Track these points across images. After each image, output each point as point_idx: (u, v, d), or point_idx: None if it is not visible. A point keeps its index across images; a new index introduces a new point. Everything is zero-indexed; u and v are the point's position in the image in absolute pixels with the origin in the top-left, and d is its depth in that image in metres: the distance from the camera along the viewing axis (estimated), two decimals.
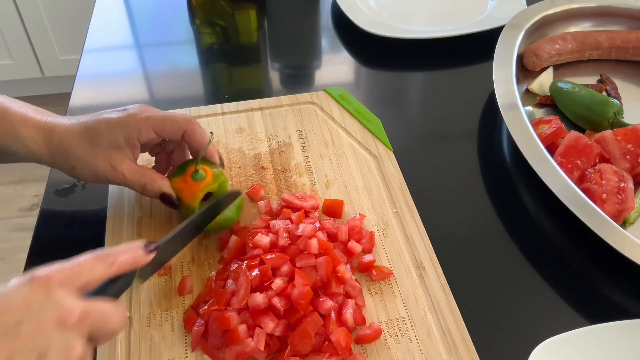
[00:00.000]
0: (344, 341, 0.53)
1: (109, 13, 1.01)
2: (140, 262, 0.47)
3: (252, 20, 1.01)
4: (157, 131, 0.59)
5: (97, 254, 0.44)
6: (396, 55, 0.93)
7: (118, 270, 0.45)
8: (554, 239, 0.66)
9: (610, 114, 0.76)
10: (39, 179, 1.98)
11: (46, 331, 0.38)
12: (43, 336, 0.38)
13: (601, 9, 0.92)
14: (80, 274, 0.42)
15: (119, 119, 0.58)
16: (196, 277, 0.60)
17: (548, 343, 0.52)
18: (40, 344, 0.38)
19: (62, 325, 0.39)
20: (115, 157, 0.59)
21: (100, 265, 0.43)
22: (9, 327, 0.37)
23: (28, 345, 0.38)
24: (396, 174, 0.70)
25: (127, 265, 0.46)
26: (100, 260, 0.44)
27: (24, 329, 0.38)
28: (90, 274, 0.43)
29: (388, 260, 0.62)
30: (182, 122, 0.59)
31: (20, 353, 0.37)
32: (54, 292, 0.40)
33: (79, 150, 0.58)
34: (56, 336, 0.39)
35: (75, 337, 0.40)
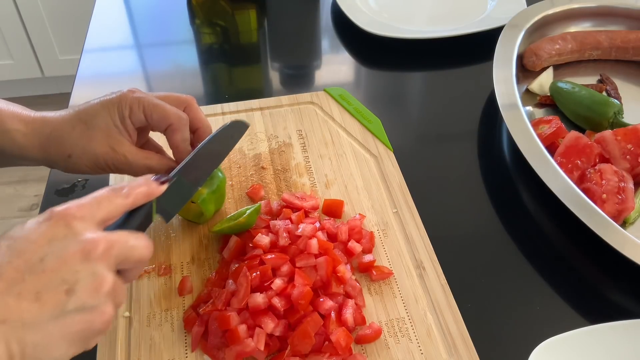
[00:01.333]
0: (344, 341, 0.53)
1: (109, 13, 1.01)
2: (154, 193, 0.47)
3: (252, 20, 1.01)
4: (147, 115, 0.56)
5: (112, 188, 0.44)
6: (396, 55, 0.93)
7: (134, 202, 0.45)
8: (554, 239, 0.66)
9: (610, 114, 0.76)
10: (39, 179, 1.98)
11: (71, 264, 0.38)
12: (69, 269, 0.38)
13: (601, 9, 0.92)
14: (99, 207, 0.42)
15: (111, 98, 0.56)
16: (196, 277, 0.60)
17: (548, 343, 0.52)
18: (67, 277, 0.38)
19: (87, 257, 0.39)
20: (114, 138, 0.56)
21: (117, 197, 0.43)
22: (32, 264, 0.37)
23: (55, 280, 0.37)
24: (396, 174, 0.70)
25: (143, 197, 0.46)
26: (115, 192, 0.44)
27: (48, 264, 0.37)
28: (108, 206, 0.42)
29: (388, 260, 0.62)
30: (171, 115, 0.56)
31: (48, 288, 0.37)
32: (75, 225, 0.39)
33: (74, 136, 0.55)
34: (82, 268, 0.38)
35: (102, 267, 0.40)
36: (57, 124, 0.55)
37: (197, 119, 0.60)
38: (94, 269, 0.39)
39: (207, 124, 0.60)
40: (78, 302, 0.38)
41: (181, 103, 0.59)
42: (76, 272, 0.38)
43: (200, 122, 0.60)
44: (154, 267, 0.60)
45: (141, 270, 0.45)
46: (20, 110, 0.57)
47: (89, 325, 0.39)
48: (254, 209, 0.61)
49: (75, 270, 0.38)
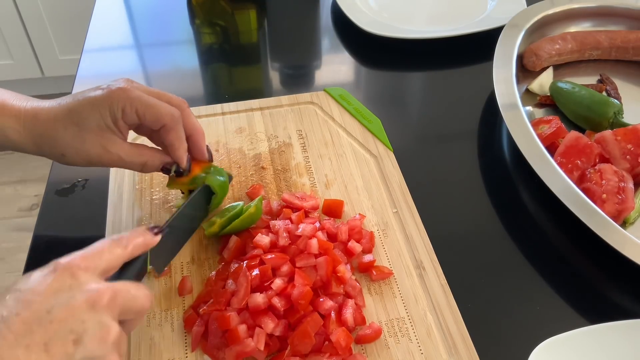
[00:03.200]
0: (344, 341, 0.53)
1: (109, 13, 1.01)
2: (150, 243, 0.48)
3: (252, 20, 1.01)
4: (139, 116, 0.55)
5: (111, 239, 0.45)
6: (396, 55, 0.93)
7: (133, 252, 0.46)
8: (554, 239, 0.66)
9: (610, 114, 0.76)
10: (39, 179, 1.98)
11: (79, 315, 0.39)
12: (76, 320, 0.38)
13: (601, 9, 0.92)
14: (101, 258, 0.43)
15: (103, 97, 0.54)
16: (196, 277, 0.60)
17: (548, 343, 0.52)
18: (75, 327, 0.38)
19: (94, 307, 0.39)
20: (107, 138, 0.55)
21: (117, 248, 0.45)
22: (40, 315, 0.37)
23: (62, 330, 0.38)
24: (396, 174, 0.70)
25: (140, 248, 0.47)
26: (116, 243, 0.45)
27: (56, 315, 0.38)
28: (110, 257, 0.44)
29: (388, 260, 0.62)
30: (164, 116, 0.55)
31: (56, 339, 0.37)
32: (80, 276, 0.40)
33: (67, 137, 0.54)
34: (89, 318, 0.39)
35: (108, 317, 0.40)
36: (48, 123, 0.55)
37: (190, 125, 0.59)
38: (101, 318, 0.40)
39: (200, 130, 0.60)
40: (86, 352, 0.38)
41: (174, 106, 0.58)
42: (83, 322, 0.39)
43: (193, 128, 0.59)
44: (153, 268, 0.60)
45: (140, 321, 0.47)
46: (11, 101, 0.56)
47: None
48: (258, 199, 0.62)
49: (82, 320, 0.39)
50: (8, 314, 0.37)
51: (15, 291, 0.39)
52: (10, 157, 2.07)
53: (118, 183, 0.68)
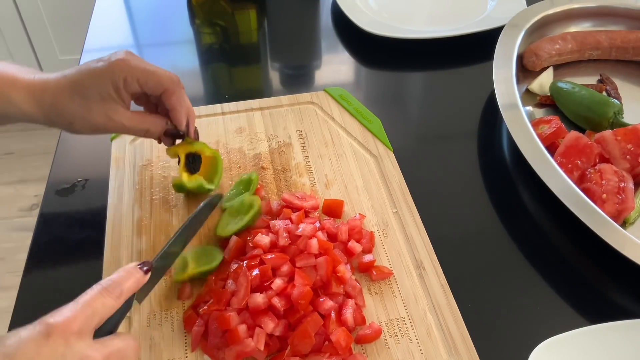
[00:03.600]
0: (344, 341, 0.53)
1: (109, 13, 1.01)
2: (141, 283, 0.47)
3: (252, 20, 1.01)
4: (141, 84, 0.58)
5: (102, 288, 0.44)
6: (396, 55, 0.93)
7: (125, 299, 0.45)
8: (554, 239, 0.66)
9: (610, 114, 0.76)
10: (39, 179, 1.98)
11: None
12: None
13: (601, 9, 0.92)
14: (94, 316, 0.42)
15: (104, 68, 0.57)
16: (196, 281, 0.59)
17: (548, 343, 0.52)
18: None
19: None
20: (110, 107, 0.58)
21: (109, 299, 0.43)
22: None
23: None
24: (396, 174, 0.70)
25: (131, 291, 0.46)
26: (108, 294, 0.44)
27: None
28: (102, 311, 0.43)
29: (388, 260, 0.62)
30: (165, 80, 0.59)
31: None
32: (74, 344, 0.39)
33: (73, 108, 0.57)
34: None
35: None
36: (56, 94, 0.57)
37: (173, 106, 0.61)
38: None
39: (191, 109, 0.63)
40: None
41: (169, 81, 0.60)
42: None
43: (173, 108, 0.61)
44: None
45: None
46: (21, 74, 0.57)
47: None
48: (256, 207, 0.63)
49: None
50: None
51: (4, 356, 0.37)
52: (10, 157, 2.06)
53: (118, 183, 0.68)
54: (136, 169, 0.70)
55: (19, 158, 2.06)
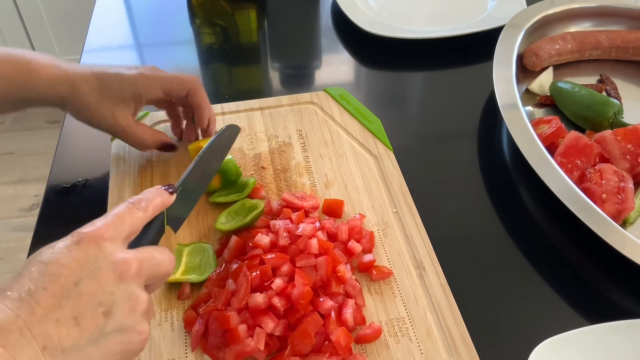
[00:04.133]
0: (344, 341, 0.53)
1: (109, 13, 1.01)
2: (167, 203, 0.48)
3: (252, 20, 1.01)
4: (166, 91, 0.64)
5: (131, 203, 0.45)
6: (396, 55, 0.93)
7: (153, 213, 0.46)
8: (554, 239, 0.66)
9: (610, 114, 0.76)
10: (39, 179, 1.98)
11: (107, 286, 0.38)
12: (105, 292, 0.38)
13: (601, 9, 0.92)
14: (123, 224, 0.42)
15: (130, 75, 0.62)
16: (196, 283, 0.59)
17: (548, 343, 0.52)
18: (104, 300, 0.38)
19: (121, 278, 0.39)
20: (119, 109, 0.62)
21: (138, 211, 0.44)
22: (68, 288, 0.37)
23: (92, 303, 0.38)
24: (396, 173, 0.70)
25: (159, 208, 0.47)
26: (136, 207, 0.44)
27: (84, 288, 0.37)
28: (131, 221, 0.43)
29: (388, 260, 0.62)
30: (187, 82, 0.65)
31: (86, 312, 0.37)
32: (105, 247, 0.40)
33: (88, 99, 0.61)
34: (118, 289, 0.39)
35: (136, 287, 0.40)
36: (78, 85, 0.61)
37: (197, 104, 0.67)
38: (129, 289, 0.40)
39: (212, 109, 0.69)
40: (116, 324, 0.38)
41: None
42: (112, 294, 0.39)
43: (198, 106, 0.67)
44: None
45: (162, 283, 0.47)
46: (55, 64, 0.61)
47: (128, 345, 0.39)
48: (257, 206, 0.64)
49: (110, 292, 0.38)
50: (35, 288, 0.36)
51: (38, 263, 0.38)
52: (10, 157, 2.07)
53: (118, 183, 0.68)
54: (136, 169, 0.70)
55: (19, 158, 2.06)
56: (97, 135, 0.75)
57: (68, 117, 0.79)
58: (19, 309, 0.35)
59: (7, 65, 0.58)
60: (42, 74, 0.59)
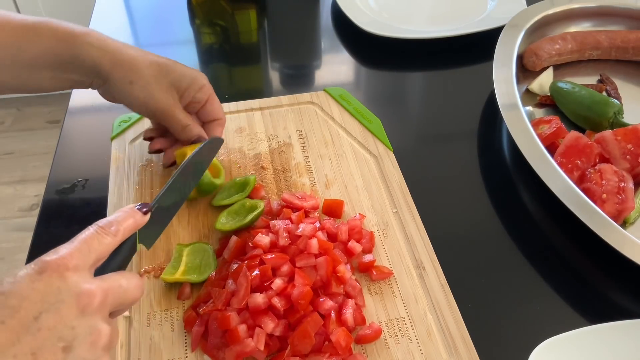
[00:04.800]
0: (344, 341, 0.53)
1: (109, 13, 1.01)
2: (140, 224, 0.46)
3: (252, 20, 1.01)
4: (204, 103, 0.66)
5: (99, 227, 0.43)
6: (396, 55, 0.93)
7: (123, 237, 0.44)
8: (554, 238, 0.66)
9: (610, 114, 0.76)
10: (39, 179, 1.98)
11: (68, 321, 0.37)
12: (65, 326, 0.37)
13: (601, 9, 0.92)
14: (90, 252, 0.41)
15: (191, 71, 0.64)
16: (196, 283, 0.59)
17: (548, 343, 0.52)
18: (64, 334, 0.37)
19: (84, 311, 0.38)
20: (173, 95, 0.63)
21: (106, 236, 0.43)
22: (27, 322, 0.36)
23: (51, 338, 0.36)
24: (396, 173, 0.70)
25: (130, 230, 0.45)
26: (105, 232, 0.43)
27: (44, 322, 0.36)
28: (99, 248, 0.42)
29: (388, 260, 0.62)
30: (220, 113, 0.68)
31: (45, 347, 0.36)
32: (69, 278, 0.38)
33: (147, 76, 0.61)
34: (79, 323, 0.38)
35: (99, 320, 0.39)
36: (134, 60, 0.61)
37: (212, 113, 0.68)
38: (91, 322, 0.38)
39: None
40: (76, 358, 0.37)
41: None
42: (73, 329, 0.37)
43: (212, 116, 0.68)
44: (154, 267, 0.60)
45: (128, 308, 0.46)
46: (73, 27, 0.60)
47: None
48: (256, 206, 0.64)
49: (72, 326, 0.37)
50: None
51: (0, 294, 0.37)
52: (10, 157, 2.07)
53: (118, 183, 0.68)
54: (136, 169, 0.70)
55: (19, 158, 2.06)
56: (97, 135, 0.76)
57: (68, 117, 0.79)
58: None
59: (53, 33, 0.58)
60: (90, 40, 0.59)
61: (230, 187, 0.68)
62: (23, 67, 0.57)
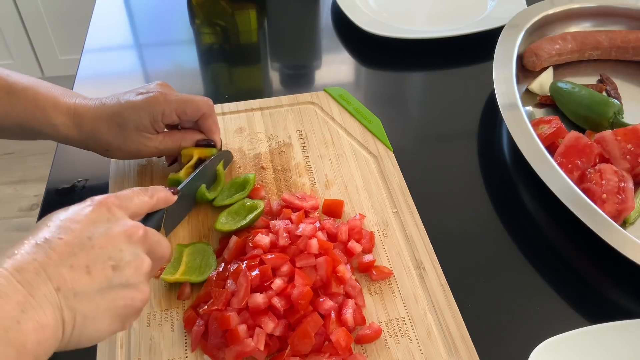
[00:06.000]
0: (344, 341, 0.53)
1: (109, 13, 1.01)
2: (169, 200, 0.53)
3: (252, 20, 1.01)
4: (179, 114, 0.63)
5: (139, 188, 0.49)
6: (396, 55, 0.93)
7: (156, 204, 0.50)
8: (554, 239, 0.66)
9: (610, 114, 0.76)
10: (39, 179, 1.98)
11: (117, 244, 0.42)
12: (115, 247, 0.42)
13: (601, 9, 0.92)
14: (132, 200, 0.46)
15: (143, 102, 0.61)
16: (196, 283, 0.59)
17: (548, 343, 0.52)
18: (113, 254, 0.41)
19: (130, 239, 0.43)
20: (144, 136, 0.63)
21: (145, 196, 0.49)
22: (82, 240, 0.40)
23: (102, 256, 0.41)
24: (396, 174, 0.70)
25: (162, 201, 0.52)
26: (143, 192, 0.49)
27: (96, 241, 0.41)
28: (138, 202, 0.47)
29: (388, 260, 0.62)
30: (202, 105, 0.64)
31: (97, 263, 0.40)
32: (115, 212, 0.44)
33: (110, 136, 0.62)
34: (126, 248, 0.42)
35: (142, 251, 0.44)
36: (94, 124, 0.61)
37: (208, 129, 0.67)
38: (136, 250, 0.43)
39: None
40: (123, 279, 0.42)
41: None
42: (121, 251, 0.42)
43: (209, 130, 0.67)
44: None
45: (158, 269, 0.50)
46: (62, 97, 0.62)
47: (130, 301, 0.42)
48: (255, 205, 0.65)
49: (120, 249, 0.42)
50: (51, 237, 0.40)
51: (55, 219, 0.41)
52: (10, 157, 2.07)
53: (118, 183, 0.68)
54: (136, 169, 0.70)
55: (19, 158, 2.06)
56: None
57: None
58: (36, 253, 0.38)
59: None
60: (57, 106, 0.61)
61: (230, 186, 0.68)
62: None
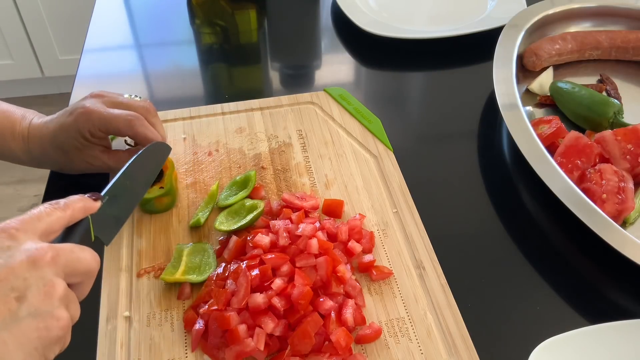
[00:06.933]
0: (344, 341, 0.53)
1: (109, 13, 1.01)
2: (89, 208, 0.48)
3: (252, 20, 1.01)
4: (104, 131, 0.61)
5: (49, 203, 0.45)
6: (396, 55, 0.93)
7: (72, 215, 0.46)
8: (554, 239, 0.66)
9: (610, 114, 0.76)
10: (39, 179, 1.98)
11: (19, 273, 0.38)
12: (17, 278, 0.38)
13: (601, 9, 0.92)
14: (39, 220, 0.43)
15: (71, 122, 0.61)
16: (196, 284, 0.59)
17: (548, 343, 0.52)
18: (16, 285, 0.38)
19: (35, 265, 0.39)
20: (88, 154, 0.63)
21: (55, 210, 0.44)
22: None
23: (3, 289, 0.37)
24: (396, 173, 0.70)
25: (80, 212, 0.47)
26: (52, 206, 0.45)
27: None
28: (48, 219, 0.43)
29: (388, 260, 0.62)
30: (122, 127, 0.60)
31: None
32: (18, 237, 0.40)
33: (57, 157, 0.64)
34: (31, 275, 0.39)
35: (52, 273, 0.40)
36: (42, 146, 0.63)
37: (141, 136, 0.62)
38: (43, 274, 0.39)
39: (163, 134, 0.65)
40: (31, 308, 0.38)
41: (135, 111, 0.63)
42: (25, 280, 0.38)
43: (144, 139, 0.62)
44: (154, 267, 0.60)
45: (90, 285, 0.45)
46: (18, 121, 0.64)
47: (45, 332, 0.38)
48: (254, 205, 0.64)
49: (23, 277, 0.38)
50: None
51: None
52: None
53: None
54: None
55: None
56: None
57: None
58: None
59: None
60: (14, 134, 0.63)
61: (231, 185, 0.68)
62: None
